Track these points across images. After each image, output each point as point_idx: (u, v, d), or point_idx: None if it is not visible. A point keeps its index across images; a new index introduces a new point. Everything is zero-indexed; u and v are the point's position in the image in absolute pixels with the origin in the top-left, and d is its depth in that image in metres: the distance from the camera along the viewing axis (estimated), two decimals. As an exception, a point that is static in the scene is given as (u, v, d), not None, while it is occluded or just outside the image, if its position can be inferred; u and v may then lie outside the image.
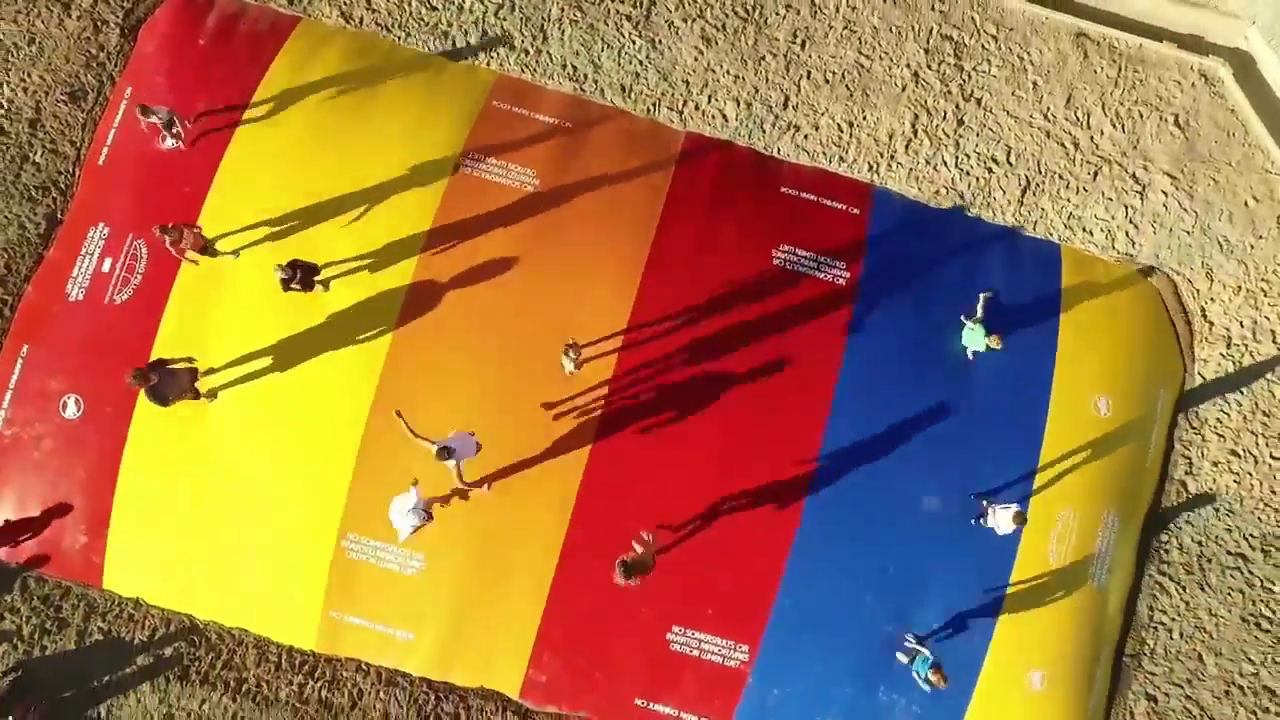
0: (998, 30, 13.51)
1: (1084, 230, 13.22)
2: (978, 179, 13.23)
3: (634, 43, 13.25)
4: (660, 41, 13.28)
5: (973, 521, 11.93)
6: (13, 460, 11.90)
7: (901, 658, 11.61)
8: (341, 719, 11.89)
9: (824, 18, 13.43)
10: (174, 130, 12.10)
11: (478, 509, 11.81)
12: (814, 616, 11.95)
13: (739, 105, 13.19)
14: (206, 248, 11.87)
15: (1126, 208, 13.27)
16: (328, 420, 11.91)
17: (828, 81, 13.30)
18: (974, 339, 12.05)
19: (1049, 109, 13.40)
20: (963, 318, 12.21)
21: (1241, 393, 12.98)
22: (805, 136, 13.19)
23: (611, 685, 11.96)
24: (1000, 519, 11.42)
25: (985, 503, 11.79)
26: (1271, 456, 12.80)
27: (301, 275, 11.37)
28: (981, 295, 12.07)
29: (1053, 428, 12.46)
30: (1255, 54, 13.69)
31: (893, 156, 13.21)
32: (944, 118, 13.31)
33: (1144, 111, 13.46)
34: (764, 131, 13.18)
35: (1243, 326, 13.12)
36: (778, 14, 13.39)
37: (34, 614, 11.90)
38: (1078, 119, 13.40)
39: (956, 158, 13.25)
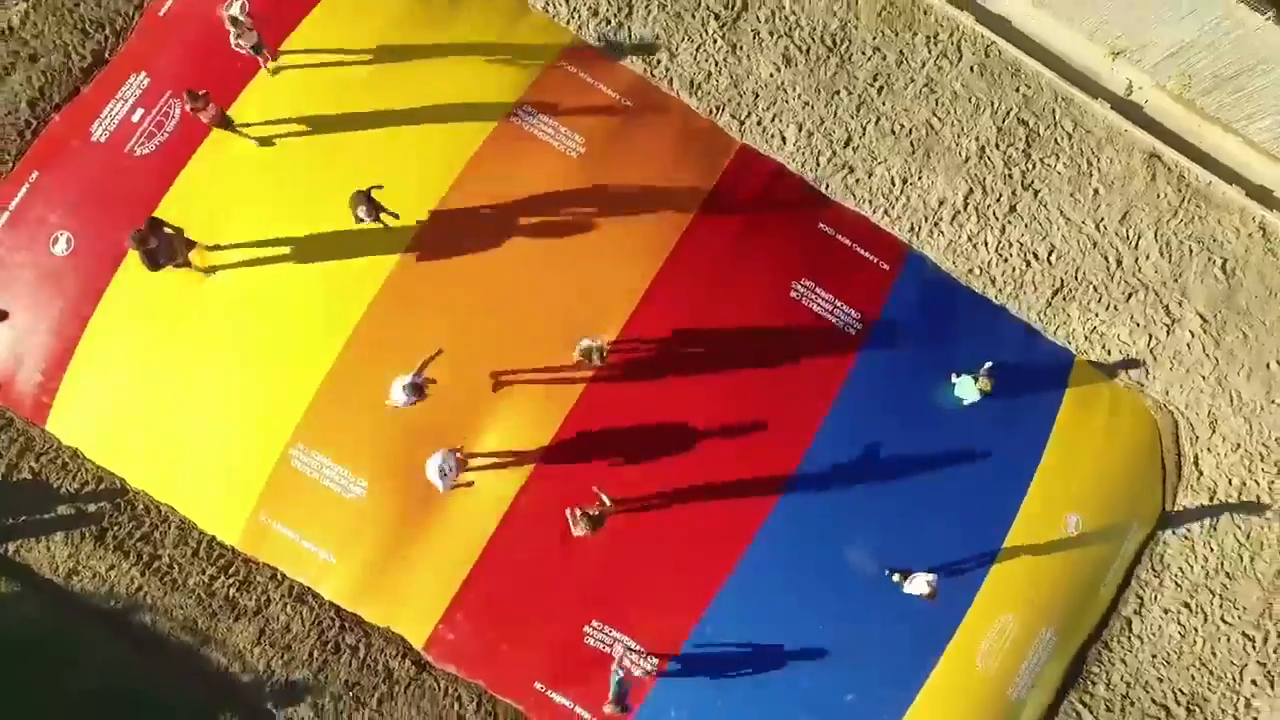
0: (1074, 129, 13.30)
1: (1103, 348, 13.04)
2: (1014, 269, 13.04)
3: (715, 42, 13.04)
4: (741, 48, 13.07)
5: (885, 571, 11.81)
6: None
7: None
8: (242, 620, 11.78)
9: (908, 69, 13.23)
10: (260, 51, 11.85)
11: (438, 447, 11.50)
12: (729, 651, 11.81)
13: (800, 131, 12.99)
14: (227, 123, 11.66)
15: (1151, 337, 13.09)
16: (309, 328, 11.73)
17: (894, 133, 13.10)
18: (966, 389, 11.99)
19: (1102, 220, 13.20)
20: (953, 376, 12.14)
21: (1210, 549, 12.83)
22: (857, 180, 12.99)
23: (516, 662, 11.82)
24: (916, 583, 11.31)
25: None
26: (1222, 619, 12.66)
27: (369, 208, 11.15)
28: (986, 364, 11.89)
29: (1018, 529, 12.30)
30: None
31: (937, 224, 13.02)
32: (998, 199, 13.12)
33: (1194, 248, 13.26)
34: (818, 164, 12.98)
35: (1230, 484, 12.96)
36: (864, 53, 13.18)
37: (-34, 437, 11.83)
38: (1128, 237, 13.21)
39: (999, 242, 13.05)
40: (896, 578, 11.73)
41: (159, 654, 11.71)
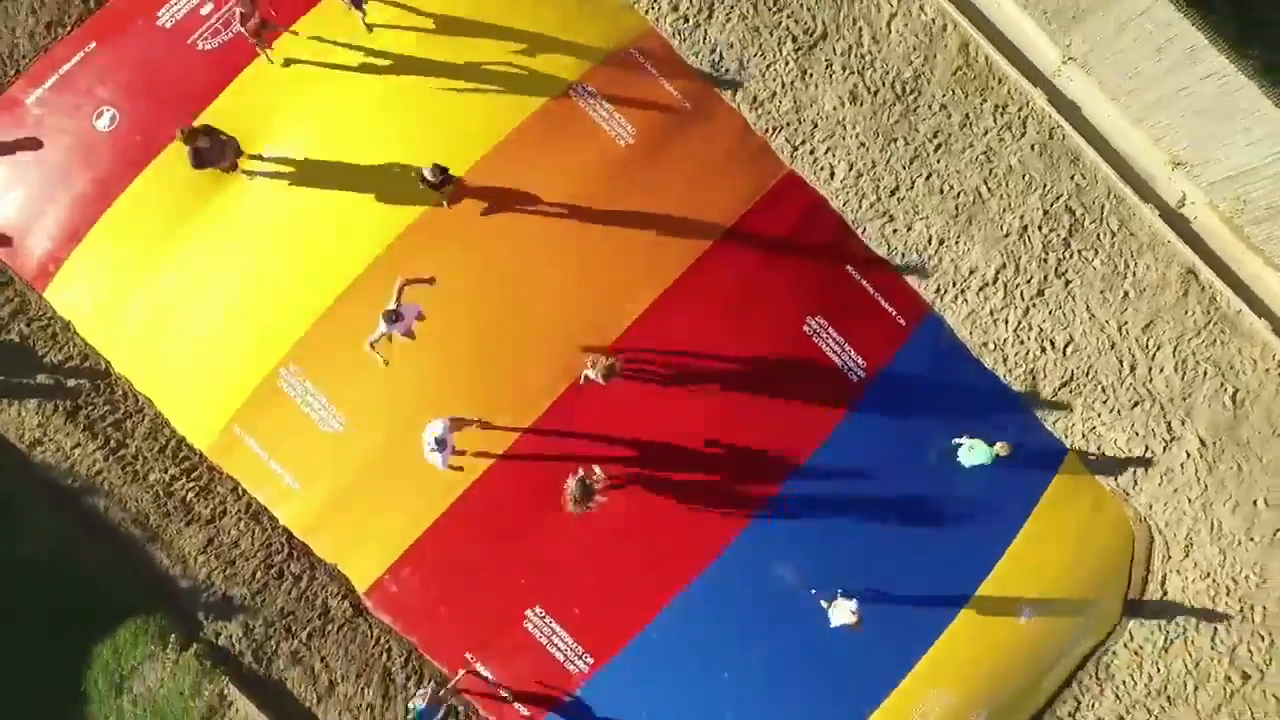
0: (1119, 229, 13.20)
1: (1098, 449, 12.97)
2: (1028, 352, 12.96)
3: (787, 64, 12.93)
4: (811, 75, 12.97)
5: (812, 590, 11.74)
6: (29, 139, 11.71)
7: None
8: (193, 526, 11.78)
9: (970, 134, 13.13)
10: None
11: (422, 402, 11.55)
12: (668, 666, 11.81)
13: (850, 170, 12.90)
14: (260, 35, 11.45)
15: (1147, 449, 13.01)
16: (326, 255, 11.72)
17: (941, 192, 13.00)
18: (978, 454, 11.84)
19: (1126, 324, 13.11)
20: (963, 438, 12.06)
21: (1158, 669, 12.79)
22: (894, 231, 12.90)
23: (452, 628, 11.83)
24: (839, 611, 11.27)
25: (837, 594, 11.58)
26: (1153, 740, 12.66)
27: (442, 179, 11.13)
28: (1000, 447, 11.70)
29: (972, 607, 12.24)
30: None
31: (963, 291, 12.94)
32: (1028, 281, 13.03)
33: (1210, 371, 13.17)
34: (860, 206, 12.89)
35: (1191, 611, 12.89)
36: (930, 108, 13.08)
37: (-34, 286, 11.81)
38: (1147, 346, 13.12)
39: (1020, 323, 12.97)
40: (824, 604, 11.62)
41: (104, 541, 11.71)
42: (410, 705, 11.11)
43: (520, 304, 11.87)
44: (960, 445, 12.15)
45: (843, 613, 11.23)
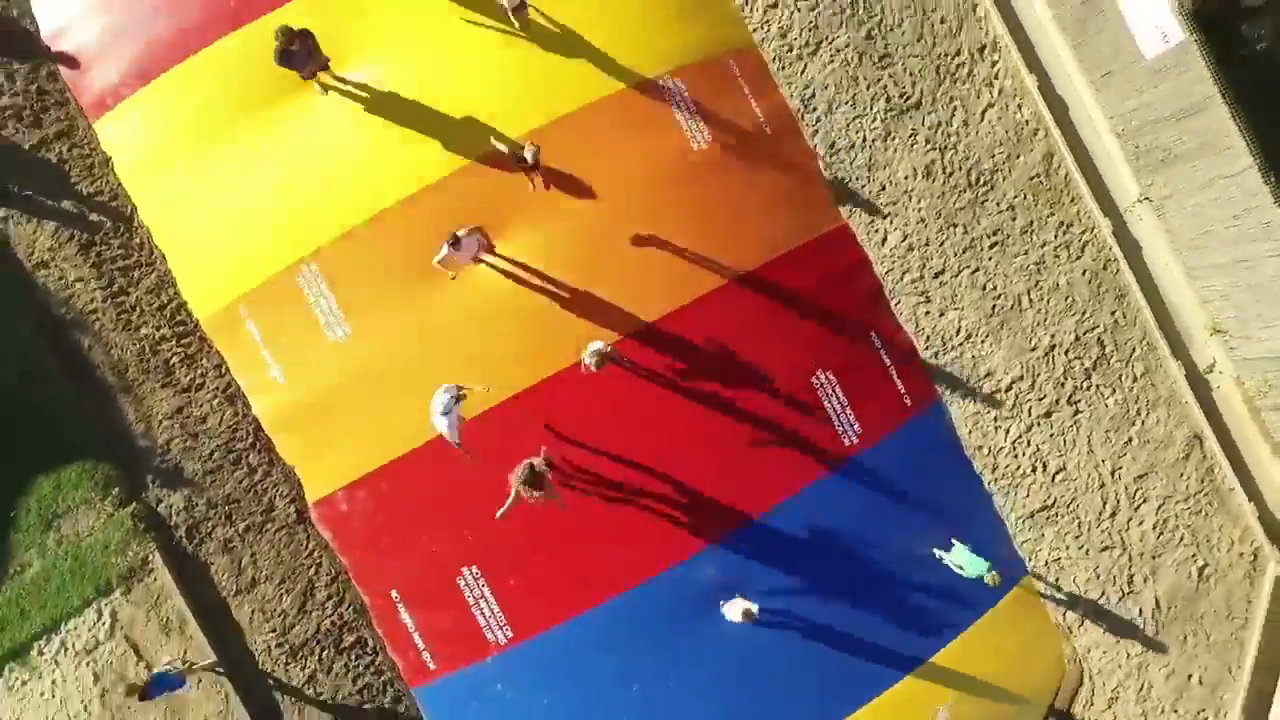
0: (1142, 376, 13.20)
1: (1055, 580, 12.99)
2: (1019, 468, 12.97)
3: (873, 121, 12.89)
4: (893, 138, 12.93)
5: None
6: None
7: None
8: (168, 390, 11.75)
9: (1028, 242, 13.09)
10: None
11: (425, 340, 11.59)
12: (583, 662, 11.81)
13: (903, 241, 12.86)
14: None
15: (1104, 594, 13.03)
16: (380, 169, 11.72)
17: (984, 289, 12.98)
18: (976, 566, 11.82)
19: (1120, 469, 13.11)
20: (969, 548, 12.10)
21: (1052, 811, 12.86)
22: (927, 313, 12.88)
23: (387, 562, 11.83)
24: (733, 608, 11.31)
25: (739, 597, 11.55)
26: None
27: (536, 161, 11.09)
28: (990, 577, 11.67)
29: (890, 697, 12.30)
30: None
31: (974, 391, 12.92)
32: (1039, 399, 13.03)
33: (1187, 538, 13.19)
34: (901, 279, 12.87)
35: (1094, 764, 12.98)
36: (998, 205, 13.04)
37: (23, 95, 11.81)
38: (1134, 496, 13.13)
39: (1019, 437, 12.97)
40: (723, 603, 11.65)
41: (77, 379, 11.65)
42: (154, 671, 11.08)
43: (543, 274, 11.83)
44: (958, 546, 12.17)
45: (734, 610, 11.25)
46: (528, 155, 10.98)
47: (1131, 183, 13.18)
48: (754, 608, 11.21)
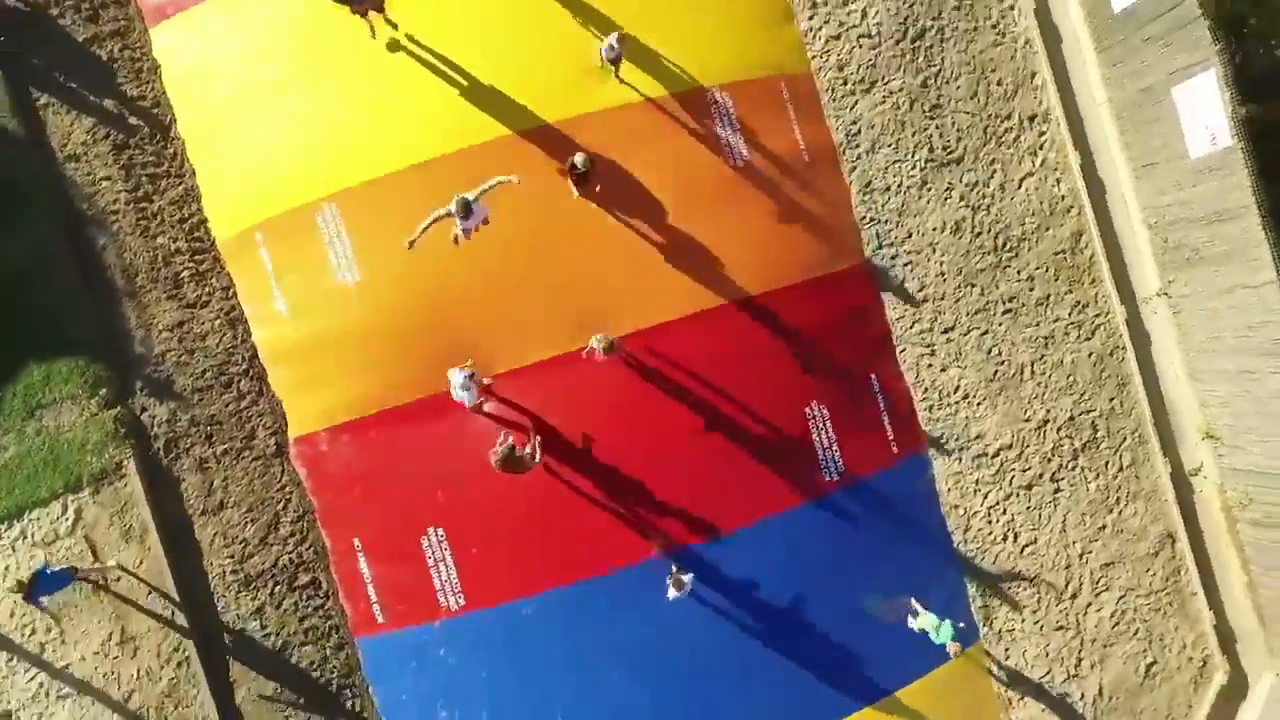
0: (1128, 466, 13.28)
1: (1006, 650, 13.06)
2: (990, 534, 13.04)
3: (912, 169, 12.93)
4: (928, 189, 12.97)
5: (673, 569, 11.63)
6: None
7: None
8: (173, 302, 11.79)
9: (1041, 314, 13.15)
10: None
11: (438, 300, 11.67)
12: (528, 644, 11.89)
13: (919, 290, 12.92)
14: None
15: (1050, 672, 13.12)
16: (422, 124, 11.77)
17: (989, 353, 13.04)
18: (942, 632, 11.96)
19: (1089, 553, 13.19)
20: (925, 608, 12.29)
21: None
22: (929, 365, 12.94)
23: (356, 510, 11.91)
24: (675, 583, 11.32)
25: (675, 568, 11.51)
26: None
27: (588, 170, 11.22)
28: (952, 647, 11.84)
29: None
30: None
31: (961, 450, 12.99)
32: (1024, 470, 13.10)
33: (1141, 632, 13.28)
34: (910, 327, 12.92)
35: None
36: (1019, 273, 13.10)
37: (82, -2, 11.83)
38: (1097, 583, 13.21)
39: (996, 504, 13.04)
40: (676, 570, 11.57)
41: (87, 276, 11.68)
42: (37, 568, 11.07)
43: (562, 259, 11.91)
44: (921, 611, 12.29)
45: (678, 584, 11.26)
46: (577, 162, 11.04)
47: (1154, 276, 13.25)
48: (686, 578, 11.25)
